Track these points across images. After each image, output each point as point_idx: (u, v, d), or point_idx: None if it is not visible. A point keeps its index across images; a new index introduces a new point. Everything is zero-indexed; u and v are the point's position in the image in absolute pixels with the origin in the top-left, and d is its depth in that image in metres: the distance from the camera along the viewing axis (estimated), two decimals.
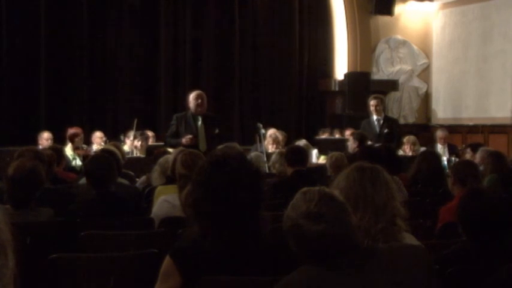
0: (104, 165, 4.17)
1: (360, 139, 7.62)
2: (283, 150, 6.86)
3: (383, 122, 8.81)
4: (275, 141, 9.03)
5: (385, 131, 8.68)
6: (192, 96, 7.62)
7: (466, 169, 4.55)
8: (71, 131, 8.68)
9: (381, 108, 8.91)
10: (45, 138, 8.71)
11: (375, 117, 8.84)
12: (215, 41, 12.43)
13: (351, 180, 2.61)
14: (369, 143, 7.83)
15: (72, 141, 8.51)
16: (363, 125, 8.99)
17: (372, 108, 8.89)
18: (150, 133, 9.64)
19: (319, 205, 2.06)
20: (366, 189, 2.58)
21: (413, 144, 9.15)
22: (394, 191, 2.62)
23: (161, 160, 5.61)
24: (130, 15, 11.73)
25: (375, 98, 9.02)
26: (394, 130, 8.80)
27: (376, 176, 2.62)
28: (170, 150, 6.64)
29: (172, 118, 7.84)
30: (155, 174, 5.57)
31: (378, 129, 8.75)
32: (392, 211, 2.58)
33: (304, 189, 2.14)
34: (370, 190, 2.58)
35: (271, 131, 9.36)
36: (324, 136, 10.52)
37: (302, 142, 8.57)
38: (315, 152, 8.90)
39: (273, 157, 6.59)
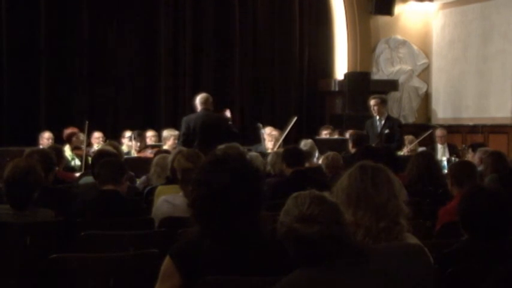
0: (114, 164, 4.18)
1: (357, 140, 7.56)
2: (280, 150, 6.84)
3: (384, 123, 8.78)
4: (274, 139, 9.02)
5: (385, 131, 8.66)
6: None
7: (462, 170, 4.56)
8: (67, 131, 8.64)
9: (382, 108, 8.85)
10: (45, 138, 8.70)
11: (377, 117, 8.82)
12: (215, 41, 12.41)
13: (352, 179, 2.61)
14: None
15: (70, 142, 8.46)
16: (367, 125, 8.96)
17: (372, 109, 8.87)
18: (151, 133, 9.54)
19: (312, 207, 2.08)
20: (367, 188, 2.57)
21: (409, 143, 9.13)
22: (396, 189, 2.61)
23: (158, 160, 5.59)
24: (130, 16, 11.73)
25: (374, 98, 8.97)
26: (395, 131, 8.77)
27: (377, 174, 2.62)
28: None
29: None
30: (152, 174, 5.58)
31: (379, 129, 8.73)
32: (395, 210, 2.56)
33: (295, 194, 2.16)
34: (371, 189, 2.57)
35: (269, 130, 9.36)
36: (325, 133, 10.45)
37: (308, 142, 8.51)
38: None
39: (269, 157, 6.53)
